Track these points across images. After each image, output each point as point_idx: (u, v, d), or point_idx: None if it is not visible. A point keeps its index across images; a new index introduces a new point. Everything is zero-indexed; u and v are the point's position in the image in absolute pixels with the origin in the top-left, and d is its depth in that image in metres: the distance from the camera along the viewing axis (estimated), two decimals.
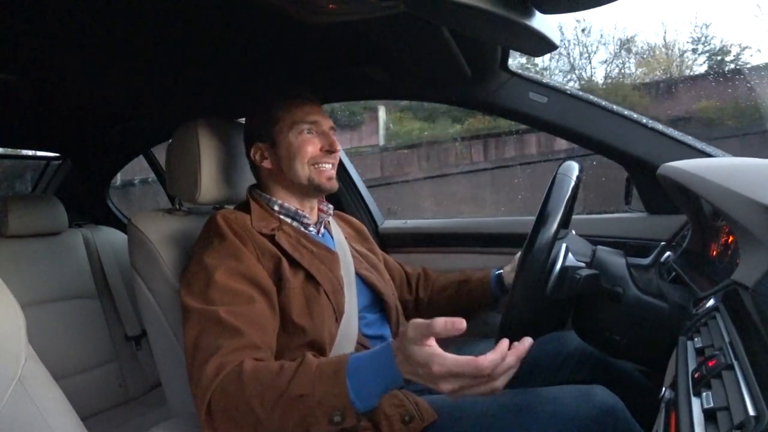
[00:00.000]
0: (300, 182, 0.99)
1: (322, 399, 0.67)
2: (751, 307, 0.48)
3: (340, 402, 0.66)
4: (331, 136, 1.01)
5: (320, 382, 0.68)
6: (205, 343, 0.78)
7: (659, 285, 0.81)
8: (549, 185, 0.79)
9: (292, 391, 0.68)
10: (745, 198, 0.56)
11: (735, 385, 0.39)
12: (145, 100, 1.46)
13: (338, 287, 0.94)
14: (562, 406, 0.77)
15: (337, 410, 0.66)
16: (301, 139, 0.98)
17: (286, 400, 0.68)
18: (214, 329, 0.79)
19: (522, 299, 0.77)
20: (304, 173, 0.98)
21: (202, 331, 0.79)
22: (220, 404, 0.72)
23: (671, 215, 1.12)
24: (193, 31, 0.99)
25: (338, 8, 0.79)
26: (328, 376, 0.68)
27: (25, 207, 1.52)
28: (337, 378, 0.67)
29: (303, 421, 0.67)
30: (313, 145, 0.98)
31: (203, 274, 0.85)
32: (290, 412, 0.67)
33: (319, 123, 1.00)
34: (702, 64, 6.52)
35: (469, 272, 1.19)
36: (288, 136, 0.98)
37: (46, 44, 1.00)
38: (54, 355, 1.36)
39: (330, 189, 1.01)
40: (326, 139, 1.00)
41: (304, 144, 0.98)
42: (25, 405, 0.61)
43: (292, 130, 0.98)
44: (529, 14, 0.75)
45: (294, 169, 0.98)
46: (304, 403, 0.67)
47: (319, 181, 0.99)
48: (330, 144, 0.99)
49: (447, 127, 6.25)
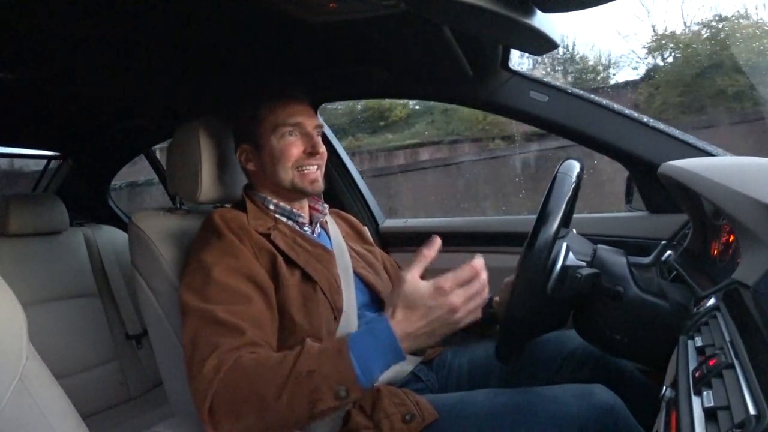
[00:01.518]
0: (283, 186, 0.98)
1: (328, 374, 0.69)
2: (751, 306, 0.48)
3: (345, 376, 0.69)
4: (315, 137, 0.98)
5: (325, 359, 0.70)
6: (203, 341, 0.78)
7: (660, 284, 0.81)
8: (550, 184, 0.79)
9: (298, 369, 0.70)
10: (746, 197, 0.56)
11: (736, 384, 0.39)
12: (147, 99, 1.46)
13: (335, 285, 0.94)
14: (563, 406, 0.77)
15: (342, 385, 0.69)
16: (284, 142, 0.96)
17: (294, 379, 0.70)
18: (212, 327, 0.79)
19: (523, 298, 0.77)
20: (288, 177, 0.96)
21: (200, 329, 0.79)
22: (224, 399, 0.72)
23: (672, 214, 1.12)
24: (195, 31, 0.99)
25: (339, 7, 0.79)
26: (332, 353, 0.71)
27: (27, 206, 1.52)
28: (340, 354, 0.70)
29: (310, 397, 0.69)
30: (296, 147, 0.96)
31: (201, 272, 0.85)
32: (298, 390, 0.69)
33: (302, 124, 0.97)
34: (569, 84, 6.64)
35: None
36: (271, 140, 0.96)
37: (47, 43, 1.00)
38: (55, 354, 1.36)
39: (313, 192, 0.99)
40: (309, 141, 0.97)
41: (287, 147, 0.96)
42: (26, 404, 0.61)
43: (275, 133, 0.96)
44: (531, 13, 0.75)
45: (277, 173, 0.97)
46: (311, 379, 0.69)
47: (302, 185, 0.97)
48: (313, 146, 0.97)
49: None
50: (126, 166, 2.14)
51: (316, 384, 0.69)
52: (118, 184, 4.82)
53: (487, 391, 0.86)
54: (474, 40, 1.01)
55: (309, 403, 0.69)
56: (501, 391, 0.86)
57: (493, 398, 0.83)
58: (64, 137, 1.87)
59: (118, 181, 4.01)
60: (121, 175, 2.26)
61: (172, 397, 1.03)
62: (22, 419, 0.60)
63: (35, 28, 0.92)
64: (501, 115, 1.28)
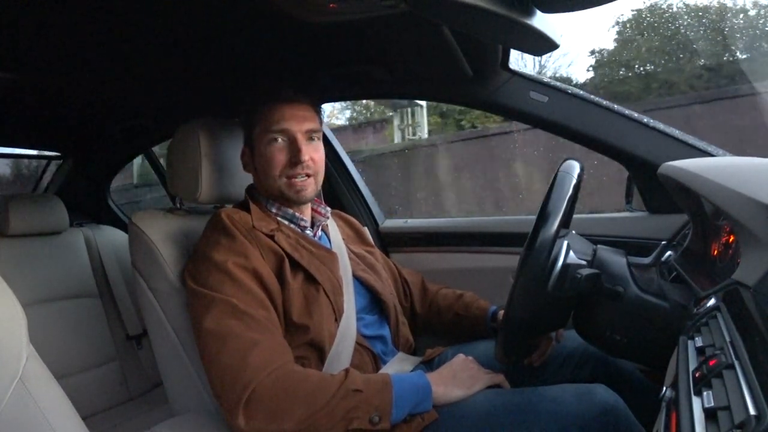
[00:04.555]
0: (273, 193, 0.97)
1: (370, 399, 0.77)
2: (751, 307, 0.48)
3: (383, 406, 0.77)
4: (299, 144, 0.93)
5: (370, 386, 0.79)
6: (236, 333, 0.80)
7: (660, 284, 0.81)
8: (550, 184, 0.79)
9: (347, 385, 0.78)
10: (746, 197, 0.56)
11: (736, 384, 0.39)
12: (147, 99, 1.46)
13: (338, 287, 0.94)
14: (563, 405, 0.77)
15: (378, 413, 0.77)
16: (270, 149, 0.94)
17: (342, 393, 0.77)
18: (240, 321, 0.81)
19: (523, 298, 0.77)
20: (275, 185, 0.95)
21: (225, 320, 0.81)
22: (267, 395, 0.75)
23: (672, 214, 1.12)
24: (195, 31, 0.99)
25: (339, 7, 0.79)
26: (378, 382, 0.80)
27: (26, 206, 1.52)
28: (386, 386, 0.79)
29: (350, 413, 0.76)
30: (282, 155, 0.93)
31: (214, 269, 0.86)
32: (343, 404, 0.76)
33: (288, 131, 0.93)
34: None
35: (467, 299, 1.15)
36: (260, 145, 0.95)
37: (47, 43, 1.00)
38: (55, 355, 1.36)
39: (300, 202, 0.97)
40: (293, 148, 0.93)
41: (273, 155, 0.94)
42: (26, 404, 0.61)
43: (263, 139, 0.94)
44: (531, 13, 0.75)
45: (267, 180, 0.96)
46: (356, 397, 0.77)
47: (289, 193, 0.95)
48: (295, 154, 0.92)
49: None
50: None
51: (358, 403, 0.77)
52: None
53: (487, 391, 0.86)
54: (474, 40, 1.01)
55: (346, 419, 0.75)
56: (501, 391, 0.86)
57: (494, 398, 0.83)
58: (64, 137, 1.87)
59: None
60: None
61: (172, 398, 1.03)
62: (22, 419, 0.60)
63: (35, 28, 0.92)
64: (501, 116, 1.27)
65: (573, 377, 0.96)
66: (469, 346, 1.08)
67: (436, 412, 0.82)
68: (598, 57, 5.92)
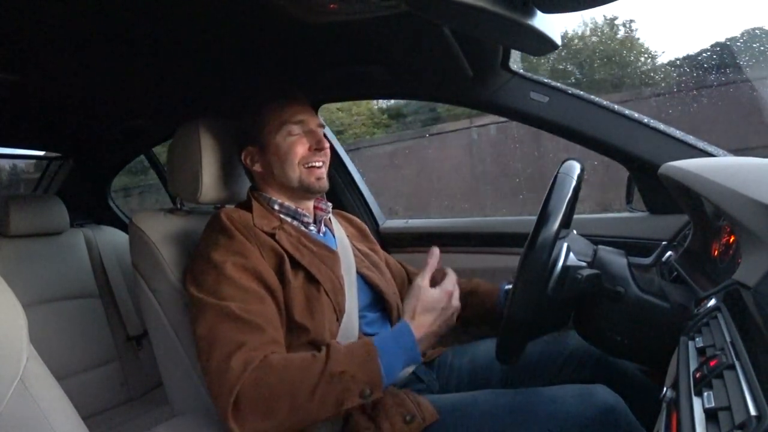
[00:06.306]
0: (290, 185, 0.98)
1: (357, 375, 0.76)
2: (752, 307, 0.48)
3: (372, 378, 0.76)
4: (319, 134, 1.00)
5: (355, 361, 0.77)
6: (224, 337, 0.79)
7: (660, 285, 0.81)
8: (550, 184, 0.79)
9: (330, 369, 0.76)
10: (747, 198, 0.56)
11: (736, 384, 0.39)
12: (147, 100, 1.46)
13: (339, 286, 0.94)
14: (564, 406, 0.77)
15: (368, 385, 0.76)
16: (290, 140, 0.97)
17: (326, 378, 0.75)
18: (231, 324, 0.80)
19: (523, 298, 0.77)
20: (295, 175, 0.97)
21: (217, 325, 0.80)
22: (252, 396, 0.74)
23: (673, 215, 1.12)
24: (195, 31, 1.00)
25: (339, 8, 0.79)
26: (361, 355, 0.78)
27: (27, 207, 1.52)
28: (369, 356, 0.78)
29: (340, 396, 0.75)
30: (302, 144, 0.98)
31: (213, 271, 0.86)
32: (330, 389, 0.75)
33: (306, 122, 0.99)
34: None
35: (476, 282, 1.15)
36: (276, 138, 0.98)
37: (47, 44, 1.00)
38: (56, 355, 1.36)
39: (320, 189, 1.00)
40: (314, 137, 0.99)
41: (293, 145, 0.97)
42: (26, 405, 0.61)
43: (280, 132, 0.97)
44: (531, 14, 0.75)
45: (285, 172, 0.98)
46: (342, 379, 0.75)
47: (308, 182, 0.98)
48: (318, 142, 0.98)
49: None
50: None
51: (346, 384, 0.75)
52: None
53: (488, 392, 0.86)
54: (474, 41, 1.01)
55: (337, 401, 0.74)
56: (502, 392, 0.86)
57: (494, 399, 0.83)
58: (64, 138, 1.87)
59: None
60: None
61: (172, 398, 1.03)
62: (22, 420, 0.60)
63: (35, 28, 0.92)
64: (501, 116, 1.27)
65: (573, 378, 0.96)
66: (469, 346, 1.08)
67: (438, 413, 0.82)
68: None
